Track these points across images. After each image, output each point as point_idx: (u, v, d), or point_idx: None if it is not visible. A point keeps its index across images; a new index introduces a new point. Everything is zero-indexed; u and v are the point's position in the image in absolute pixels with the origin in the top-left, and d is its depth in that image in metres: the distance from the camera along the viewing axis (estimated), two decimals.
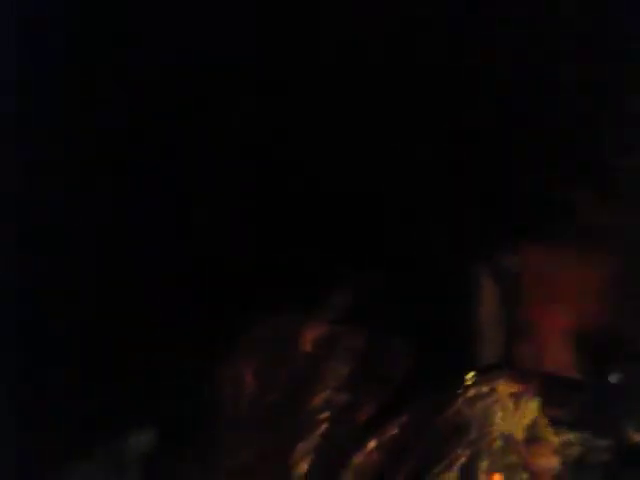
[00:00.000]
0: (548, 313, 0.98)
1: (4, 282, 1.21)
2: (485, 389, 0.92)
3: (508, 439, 0.90)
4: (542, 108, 1.12)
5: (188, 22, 1.27)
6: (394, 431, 0.93)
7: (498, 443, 0.90)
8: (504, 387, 0.92)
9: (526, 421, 0.91)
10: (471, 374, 0.93)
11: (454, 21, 1.18)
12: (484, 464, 0.89)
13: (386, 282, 1.06)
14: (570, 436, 0.91)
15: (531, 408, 0.91)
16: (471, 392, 0.92)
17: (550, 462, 0.90)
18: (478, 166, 1.13)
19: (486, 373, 0.93)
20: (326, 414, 0.98)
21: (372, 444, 0.93)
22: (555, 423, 0.91)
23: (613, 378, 0.94)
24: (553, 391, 0.92)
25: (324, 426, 0.97)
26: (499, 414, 0.91)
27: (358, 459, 0.93)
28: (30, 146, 1.27)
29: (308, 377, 1.01)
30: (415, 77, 1.18)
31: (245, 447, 0.99)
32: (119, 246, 1.25)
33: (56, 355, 1.21)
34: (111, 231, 1.26)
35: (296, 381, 1.02)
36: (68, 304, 1.24)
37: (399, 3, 1.20)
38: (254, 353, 1.05)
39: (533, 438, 0.90)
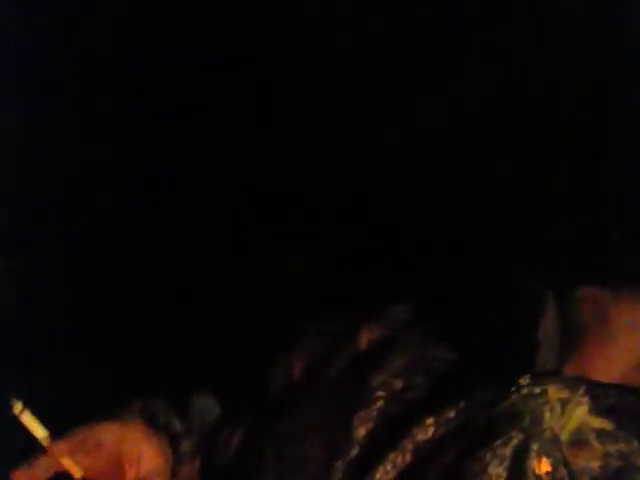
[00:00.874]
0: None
1: None
2: (537, 390, 0.97)
3: (554, 437, 0.94)
4: None
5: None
6: (451, 414, 0.97)
7: (548, 434, 0.94)
8: (554, 391, 0.97)
9: (572, 425, 0.95)
10: (526, 377, 0.99)
11: None
12: (535, 446, 0.93)
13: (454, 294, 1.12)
14: (614, 447, 0.93)
15: (578, 414, 0.95)
16: (524, 391, 0.98)
17: (589, 465, 0.93)
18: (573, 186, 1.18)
19: (539, 377, 0.99)
20: (382, 393, 1.02)
21: (430, 421, 0.97)
22: (602, 432, 0.94)
23: None
24: (602, 400, 0.96)
25: (380, 403, 1.01)
26: (547, 414, 0.95)
27: (417, 432, 0.96)
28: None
29: (363, 365, 1.05)
30: None
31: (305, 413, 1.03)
32: None
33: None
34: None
35: (352, 366, 1.06)
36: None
37: None
38: (310, 343, 1.10)
39: (577, 441, 0.94)
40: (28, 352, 1.20)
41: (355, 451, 0.99)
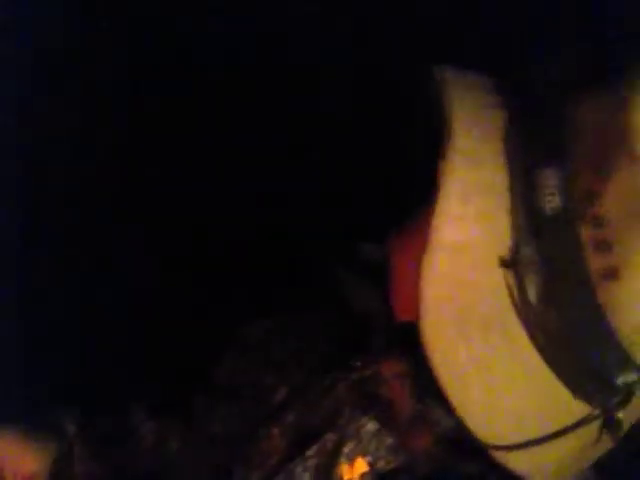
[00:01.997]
0: None
1: None
2: (368, 372, 0.90)
3: (386, 421, 0.87)
4: None
5: None
6: (291, 418, 0.92)
7: (370, 427, 0.88)
8: (388, 368, 0.89)
9: (412, 401, 0.87)
10: (355, 359, 0.92)
11: None
12: (347, 448, 0.87)
13: None
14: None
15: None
16: (354, 376, 0.91)
17: (426, 442, 0.86)
18: None
19: (370, 357, 0.91)
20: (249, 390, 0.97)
21: (275, 431, 0.92)
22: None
23: None
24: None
25: (245, 401, 0.96)
26: (385, 394, 0.88)
27: (265, 444, 0.92)
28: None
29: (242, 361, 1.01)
30: None
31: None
32: None
33: None
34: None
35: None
36: None
37: None
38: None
39: (417, 418, 0.87)
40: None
41: (214, 450, 0.96)
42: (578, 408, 0.78)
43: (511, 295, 0.76)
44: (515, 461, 0.80)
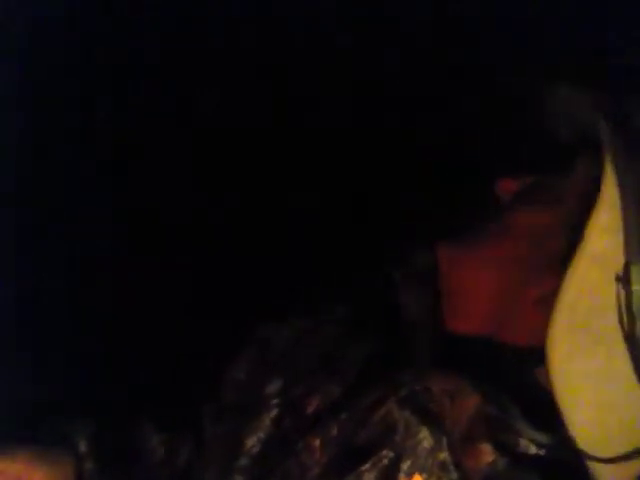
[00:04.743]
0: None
1: None
2: (417, 387, 0.90)
3: (439, 438, 0.87)
4: None
5: None
6: (334, 431, 0.91)
7: (425, 444, 0.87)
8: (438, 385, 0.89)
9: (463, 419, 0.88)
10: (405, 372, 0.91)
11: None
12: (406, 465, 0.87)
13: None
14: (508, 436, 0.87)
15: (467, 406, 0.88)
16: (403, 391, 0.90)
17: (481, 462, 0.86)
18: None
19: (417, 371, 0.91)
20: (277, 400, 0.96)
21: (317, 443, 0.91)
22: (494, 421, 0.88)
23: None
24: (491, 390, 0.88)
25: (274, 412, 0.95)
26: (435, 411, 0.88)
27: (304, 456, 0.91)
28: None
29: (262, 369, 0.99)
30: None
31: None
32: None
33: None
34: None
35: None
36: None
37: None
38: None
39: (468, 437, 0.87)
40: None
41: (244, 461, 0.94)
42: None
43: (619, 309, 0.80)
44: (607, 473, 0.83)
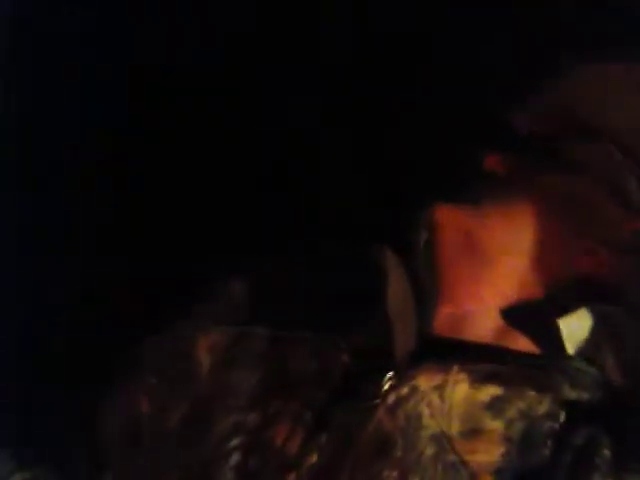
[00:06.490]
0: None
1: None
2: (405, 390, 0.80)
3: (440, 439, 0.78)
4: None
5: None
6: (313, 459, 0.79)
7: (428, 452, 0.77)
8: (425, 381, 0.80)
9: (458, 412, 0.79)
10: (388, 376, 0.80)
11: None
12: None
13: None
14: (512, 410, 0.79)
15: (458, 396, 0.80)
16: (391, 398, 0.80)
17: (489, 456, 0.78)
18: None
19: (403, 370, 0.80)
20: (237, 440, 0.82)
21: (292, 477, 0.79)
22: (494, 401, 0.79)
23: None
24: (478, 367, 0.80)
25: (236, 456, 0.81)
26: (426, 413, 0.79)
27: None
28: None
29: (211, 395, 0.85)
30: None
31: None
32: None
33: None
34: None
35: (198, 403, 0.86)
36: None
37: None
38: (147, 376, 0.90)
39: (469, 430, 0.78)
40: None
41: None
42: None
43: None
44: None
